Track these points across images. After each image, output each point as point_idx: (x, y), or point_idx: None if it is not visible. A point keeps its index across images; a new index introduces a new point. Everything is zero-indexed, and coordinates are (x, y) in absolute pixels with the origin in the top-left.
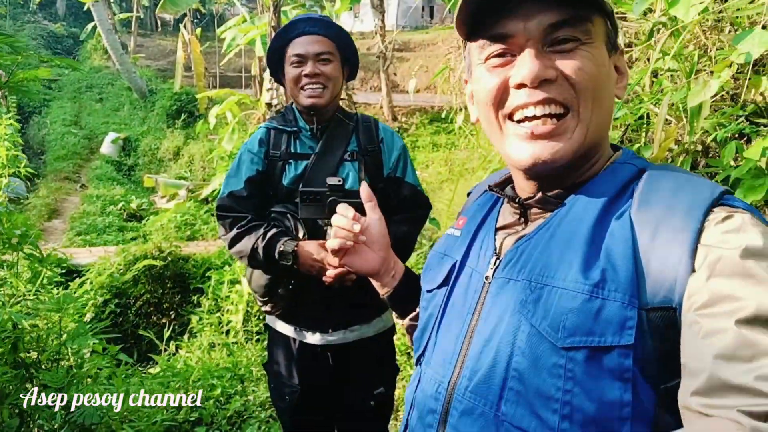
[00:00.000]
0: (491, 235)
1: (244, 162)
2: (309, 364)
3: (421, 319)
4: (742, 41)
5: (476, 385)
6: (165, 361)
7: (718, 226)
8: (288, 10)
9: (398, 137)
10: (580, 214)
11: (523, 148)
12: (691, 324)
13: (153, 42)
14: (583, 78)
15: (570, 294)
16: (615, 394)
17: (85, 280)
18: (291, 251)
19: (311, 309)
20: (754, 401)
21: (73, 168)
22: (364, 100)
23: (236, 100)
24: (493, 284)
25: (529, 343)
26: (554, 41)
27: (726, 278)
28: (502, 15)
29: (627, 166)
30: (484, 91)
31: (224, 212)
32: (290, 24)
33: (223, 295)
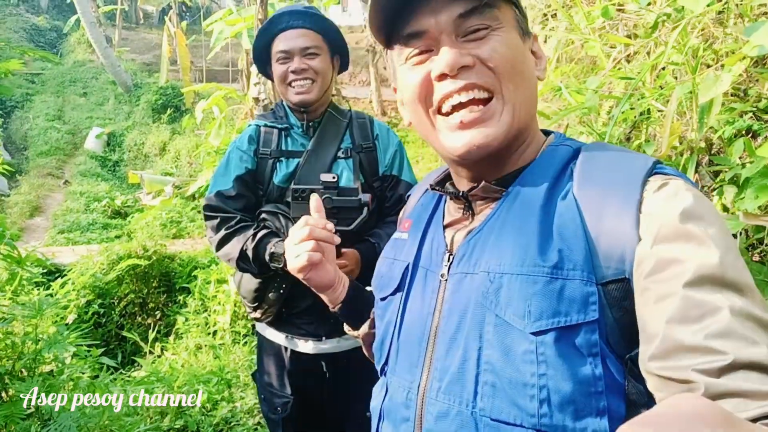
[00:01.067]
0: (440, 233)
1: (233, 160)
2: (302, 373)
3: (378, 328)
4: (754, 33)
5: (448, 385)
6: (150, 365)
7: (656, 194)
8: (275, 2)
9: (394, 134)
10: (527, 199)
11: (456, 137)
12: (642, 291)
13: (138, 35)
14: (500, 60)
15: (531, 279)
16: (587, 370)
17: (67, 281)
18: (283, 252)
19: (303, 316)
20: (706, 359)
21: (57, 164)
22: (353, 95)
23: (223, 95)
24: (450, 281)
25: (497, 334)
26: (466, 31)
27: (669, 243)
28: (413, 14)
29: (563, 148)
30: (409, 89)
31: (212, 212)
32: (273, 18)
33: (209, 295)
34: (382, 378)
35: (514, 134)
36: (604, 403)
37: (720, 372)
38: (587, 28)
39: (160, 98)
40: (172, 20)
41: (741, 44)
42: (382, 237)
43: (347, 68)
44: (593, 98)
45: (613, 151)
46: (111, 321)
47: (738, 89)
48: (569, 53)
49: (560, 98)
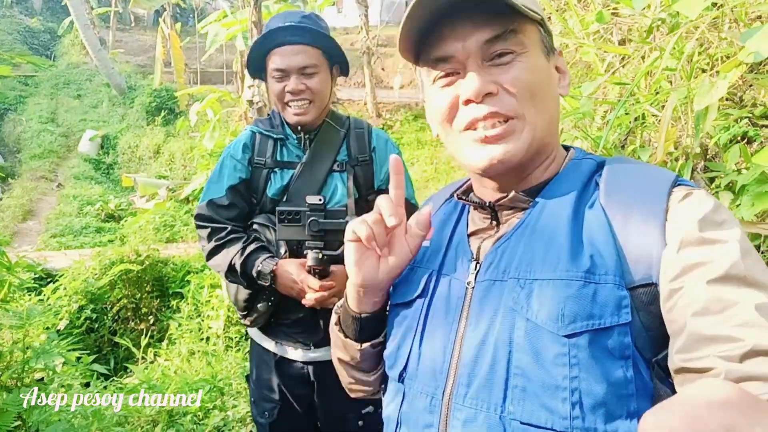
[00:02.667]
0: (465, 242)
1: (227, 168)
2: (290, 380)
3: (394, 334)
4: (749, 39)
5: (476, 390)
6: (142, 371)
7: (681, 203)
8: (270, 4)
9: (393, 145)
10: (555, 209)
11: (480, 151)
12: (669, 294)
13: (132, 37)
14: (522, 87)
15: (564, 283)
16: (619, 372)
17: (58, 286)
18: (269, 272)
19: (293, 326)
20: (727, 346)
21: (50, 167)
22: (347, 97)
23: (216, 98)
24: (477, 289)
25: (528, 338)
26: (491, 56)
27: (693, 248)
28: (440, 38)
29: (586, 161)
30: (437, 110)
31: (203, 222)
32: (268, 34)
33: (203, 300)
34: (396, 384)
35: (534, 151)
36: (634, 406)
37: (741, 358)
38: (582, 32)
39: (154, 100)
40: (166, 22)
41: (736, 49)
42: None
43: (348, 74)
44: (588, 104)
45: (636, 165)
46: (104, 326)
47: (734, 94)
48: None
49: None
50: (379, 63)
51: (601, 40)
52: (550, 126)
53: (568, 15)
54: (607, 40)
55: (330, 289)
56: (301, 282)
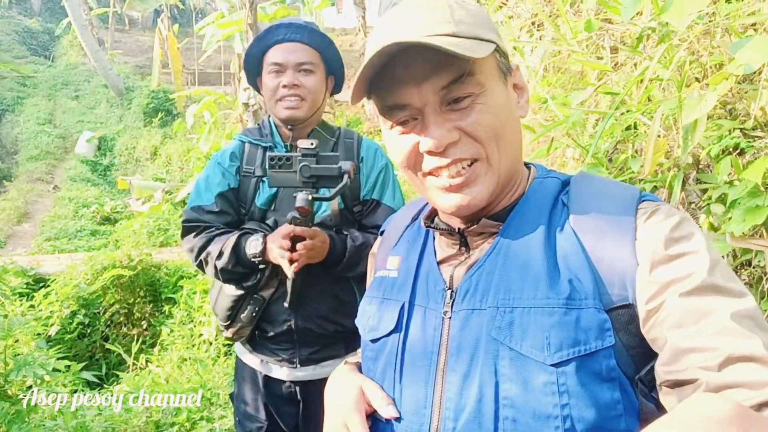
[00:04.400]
0: (435, 270)
1: (215, 176)
2: (276, 399)
3: (372, 371)
4: (740, 49)
5: (465, 425)
6: (132, 379)
7: (648, 220)
8: (267, 6)
9: (382, 155)
10: (525, 233)
11: (446, 198)
12: (648, 315)
13: (131, 38)
14: (483, 130)
15: (546, 311)
16: (607, 395)
17: (50, 291)
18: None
19: (278, 342)
20: (706, 356)
21: (47, 168)
22: (346, 99)
23: (213, 100)
24: (455, 318)
25: (513, 367)
26: (449, 100)
27: (664, 265)
28: (395, 81)
29: (550, 180)
30: (399, 156)
31: (191, 224)
32: (270, 29)
33: (195, 305)
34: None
35: (500, 189)
36: (624, 425)
37: (719, 366)
38: (573, 39)
39: (151, 102)
40: (164, 23)
41: (728, 58)
42: (357, 236)
43: (340, 90)
44: (577, 113)
45: (600, 183)
46: (96, 332)
47: (726, 104)
48: (556, 63)
49: (546, 109)
50: None
51: (594, 47)
52: (513, 159)
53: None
54: (600, 47)
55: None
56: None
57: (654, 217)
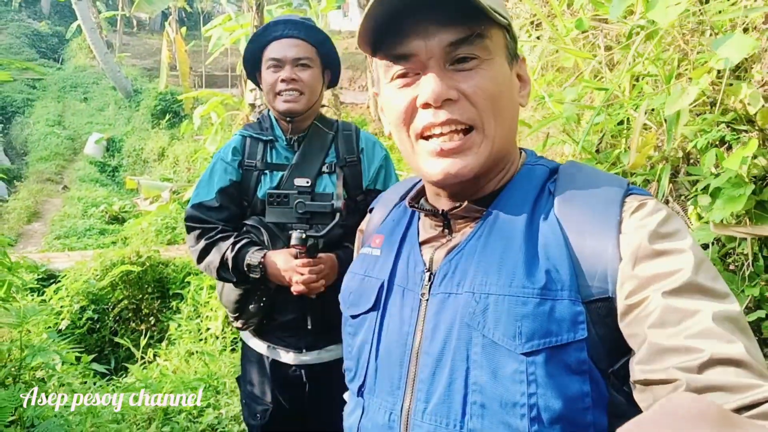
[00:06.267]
0: (417, 251)
1: (218, 171)
2: (282, 383)
3: (351, 346)
4: (721, 46)
5: (435, 407)
6: (139, 371)
7: (634, 215)
8: (273, 9)
9: (381, 147)
10: (508, 219)
11: (434, 163)
12: (627, 310)
13: (139, 40)
14: (483, 96)
15: (520, 300)
16: (576, 387)
17: (60, 287)
18: (258, 263)
19: (284, 329)
20: (686, 357)
21: (56, 169)
22: (351, 100)
23: (220, 101)
24: (432, 301)
25: (484, 354)
26: (454, 59)
27: (647, 261)
28: (403, 34)
29: (539, 168)
30: (394, 111)
31: (193, 223)
32: (268, 26)
33: (202, 301)
34: (356, 398)
35: (491, 163)
36: (590, 417)
37: (700, 368)
38: (567, 37)
39: (159, 104)
40: (171, 26)
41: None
42: None
43: (337, 83)
44: (571, 108)
45: (589, 173)
46: (105, 327)
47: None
48: (553, 61)
49: (544, 107)
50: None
51: (589, 46)
52: (508, 136)
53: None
54: (596, 46)
55: (319, 273)
56: (289, 269)
57: (640, 212)
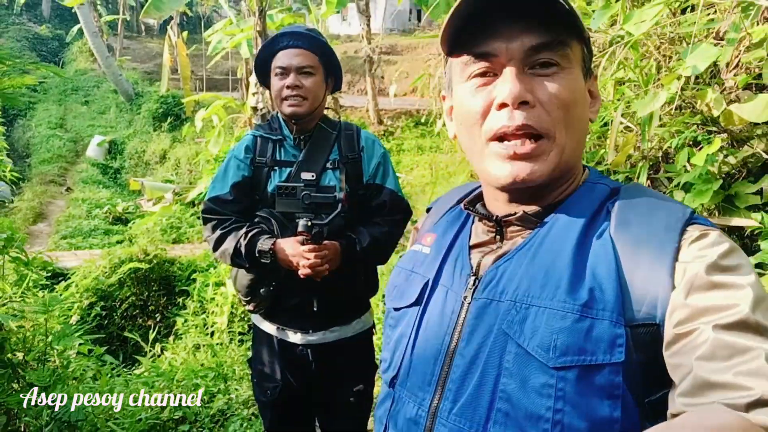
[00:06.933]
0: (465, 254)
1: (231, 168)
2: (290, 361)
3: (390, 337)
4: (690, 55)
5: (461, 408)
6: (149, 362)
7: (694, 244)
8: (273, 13)
9: (379, 145)
10: (562, 233)
11: (504, 167)
12: (675, 339)
13: (140, 44)
14: (558, 105)
15: (559, 314)
16: (605, 411)
17: (70, 284)
18: (268, 249)
19: (292, 311)
20: (734, 394)
21: (59, 171)
22: (350, 104)
23: (222, 104)
24: (474, 305)
25: (516, 363)
26: (534, 63)
27: (703, 293)
28: (486, 35)
29: (600, 186)
30: (468, 112)
31: (209, 215)
32: (276, 37)
33: (208, 297)
34: (387, 389)
35: (558, 174)
36: None
37: (747, 407)
38: None
39: (160, 107)
40: (173, 30)
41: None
42: (364, 234)
43: (340, 88)
44: None
45: (652, 197)
46: (113, 323)
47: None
48: None
49: None
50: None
51: None
52: (576, 150)
53: None
54: None
55: (324, 258)
56: (296, 254)
57: (700, 242)
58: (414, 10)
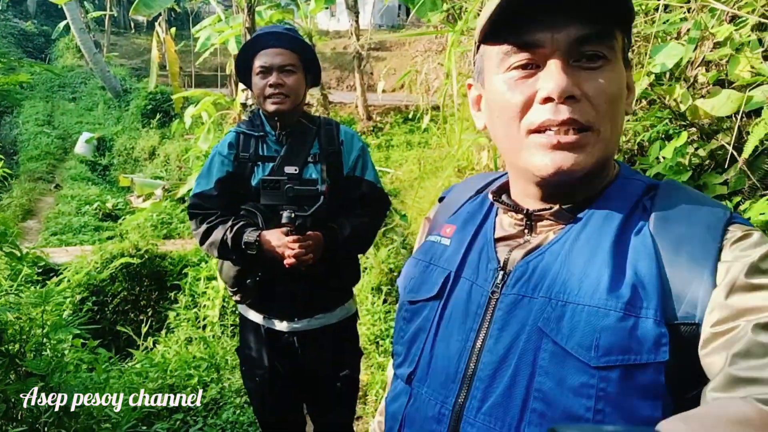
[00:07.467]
0: (491, 247)
1: (216, 164)
2: (277, 348)
3: (405, 331)
4: (658, 53)
5: (491, 407)
6: (143, 355)
7: (737, 244)
8: (262, 10)
9: (358, 139)
10: (598, 229)
11: (547, 157)
12: (712, 338)
13: (127, 40)
14: (605, 100)
15: (601, 312)
16: (647, 411)
17: (62, 279)
18: (254, 241)
19: (278, 300)
20: (765, 389)
21: (47, 168)
22: (340, 100)
23: (211, 101)
24: (503, 301)
25: (553, 362)
26: (580, 55)
27: (743, 294)
28: (531, 24)
29: (635, 182)
30: (506, 104)
31: (195, 210)
32: (256, 37)
33: (199, 291)
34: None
35: (598, 168)
36: None
37: None
38: None
39: (149, 103)
40: (161, 26)
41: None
42: (345, 225)
43: (318, 83)
44: None
45: (691, 195)
46: (104, 318)
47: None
48: None
49: None
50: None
51: None
52: (616, 143)
53: None
54: None
55: (307, 248)
56: (282, 245)
57: (743, 242)
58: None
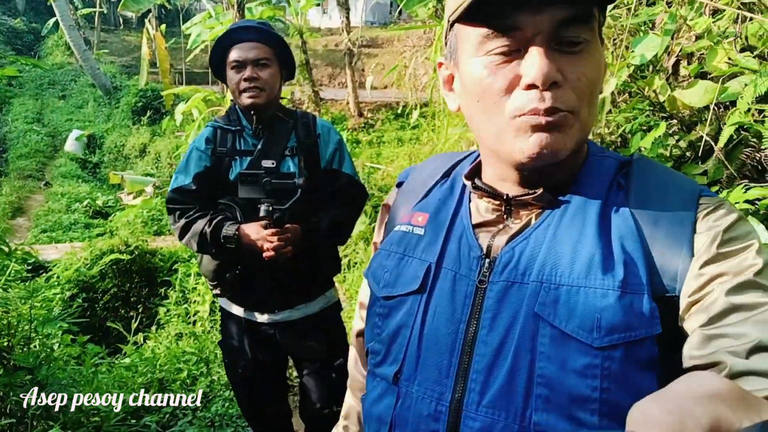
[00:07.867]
0: (471, 234)
1: (193, 159)
2: (258, 340)
3: (382, 328)
4: (638, 45)
5: (493, 399)
6: (132, 349)
7: (709, 215)
8: (253, 6)
9: (335, 132)
10: (580, 211)
11: (528, 139)
12: (688, 307)
13: (117, 38)
14: (586, 84)
15: (599, 292)
16: (646, 383)
17: (52, 275)
18: (233, 234)
19: (258, 293)
20: (736, 342)
21: (37, 166)
22: (331, 96)
23: (202, 97)
24: (492, 289)
25: (553, 346)
26: (562, 40)
27: (715, 262)
28: (509, 4)
29: (607, 159)
30: (487, 89)
31: (173, 205)
32: (229, 31)
33: (189, 286)
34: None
35: (576, 149)
36: None
37: (747, 353)
38: None
39: (139, 100)
40: (151, 23)
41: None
42: (324, 217)
43: (293, 77)
44: None
45: (663, 171)
46: (95, 314)
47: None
48: None
49: None
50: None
51: None
52: (591, 125)
53: None
54: None
55: (285, 240)
56: (261, 238)
57: (714, 213)
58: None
